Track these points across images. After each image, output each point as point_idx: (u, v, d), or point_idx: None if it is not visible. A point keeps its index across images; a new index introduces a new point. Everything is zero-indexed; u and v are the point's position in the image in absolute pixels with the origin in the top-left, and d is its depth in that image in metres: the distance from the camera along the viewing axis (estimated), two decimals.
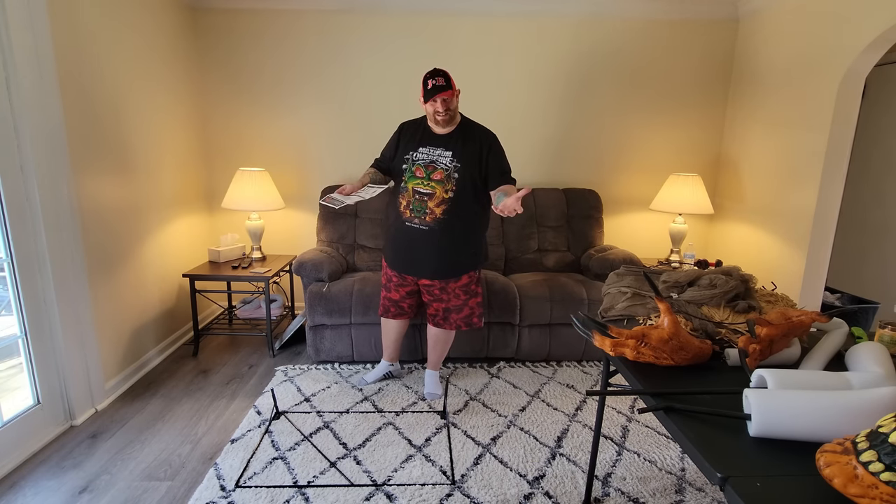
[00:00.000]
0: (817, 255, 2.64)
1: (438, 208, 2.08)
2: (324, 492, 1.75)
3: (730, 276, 1.52)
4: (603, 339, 1.24)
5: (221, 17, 3.17)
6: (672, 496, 1.77)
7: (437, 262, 2.17)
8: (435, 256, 2.15)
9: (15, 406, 1.96)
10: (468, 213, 2.13)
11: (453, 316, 2.30)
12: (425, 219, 2.10)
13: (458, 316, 2.30)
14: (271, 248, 3.51)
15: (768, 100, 2.97)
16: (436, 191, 2.07)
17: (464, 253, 2.20)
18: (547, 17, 3.21)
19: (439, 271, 2.20)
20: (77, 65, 2.17)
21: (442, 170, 2.08)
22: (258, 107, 3.30)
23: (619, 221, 3.55)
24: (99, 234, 2.33)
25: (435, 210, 2.08)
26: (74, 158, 2.15)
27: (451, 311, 2.29)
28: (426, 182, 2.08)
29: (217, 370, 2.72)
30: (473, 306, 2.31)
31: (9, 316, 1.93)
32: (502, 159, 2.14)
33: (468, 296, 2.28)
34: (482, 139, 2.13)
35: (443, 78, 1.99)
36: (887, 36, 2.24)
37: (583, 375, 2.68)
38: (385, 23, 3.19)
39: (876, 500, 0.67)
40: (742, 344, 1.15)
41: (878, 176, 3.35)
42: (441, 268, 2.19)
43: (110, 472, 1.87)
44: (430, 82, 1.99)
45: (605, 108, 3.36)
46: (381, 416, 2.26)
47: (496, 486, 1.81)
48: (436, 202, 2.08)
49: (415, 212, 2.10)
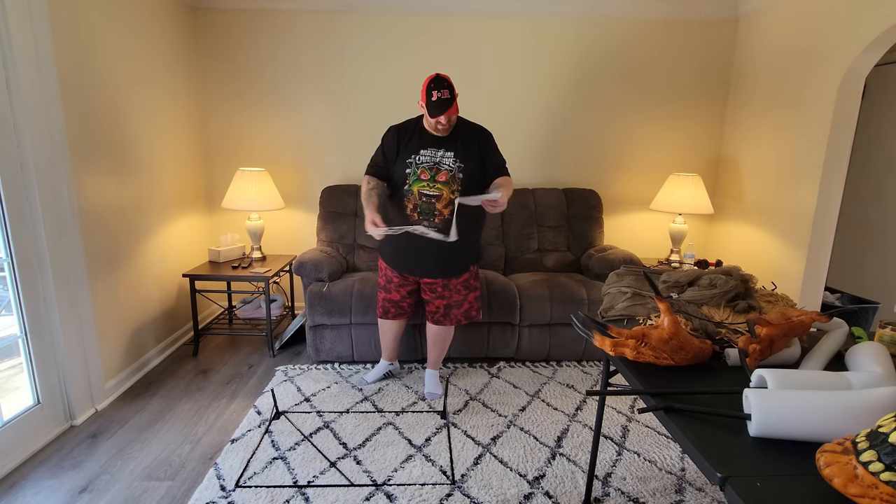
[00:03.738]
0: (817, 255, 2.64)
1: (446, 209, 2.11)
2: (324, 492, 1.75)
3: (730, 275, 1.52)
4: (603, 338, 1.24)
5: (221, 17, 3.17)
6: (672, 496, 1.77)
7: (444, 261, 2.20)
8: (441, 256, 2.18)
9: (15, 406, 1.96)
10: (473, 210, 2.14)
11: (454, 311, 2.32)
12: (434, 220, 2.11)
13: (458, 311, 2.32)
14: (271, 248, 3.51)
15: (768, 100, 2.97)
16: (442, 192, 2.10)
17: (467, 250, 2.24)
18: (547, 16, 3.21)
19: (445, 270, 2.23)
20: (77, 65, 2.17)
21: (446, 171, 2.10)
22: (258, 107, 3.30)
23: (619, 221, 3.55)
24: (99, 233, 2.33)
25: (443, 211, 2.11)
26: (74, 158, 2.15)
27: (451, 307, 2.31)
28: (431, 184, 2.10)
29: (217, 370, 2.72)
30: (472, 300, 2.34)
31: (9, 316, 1.93)
32: (498, 154, 2.22)
33: (468, 290, 2.31)
34: (479, 137, 2.19)
35: (448, 91, 1.98)
36: (887, 36, 2.24)
37: (583, 375, 2.68)
38: (385, 23, 3.19)
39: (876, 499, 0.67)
40: (742, 344, 1.15)
41: (879, 176, 3.35)
42: (447, 267, 2.23)
43: (110, 472, 1.87)
44: (434, 94, 1.97)
45: (605, 107, 3.36)
46: (381, 416, 2.26)
47: (496, 486, 1.80)
48: (443, 203, 2.10)
49: (423, 214, 2.12)
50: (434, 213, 2.11)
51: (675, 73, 3.32)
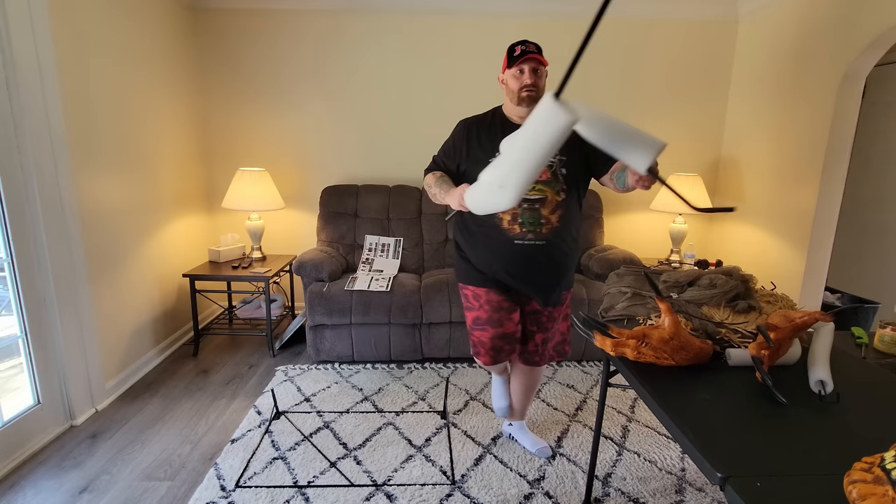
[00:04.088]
0: (817, 255, 2.64)
1: (553, 215, 1.64)
2: (324, 492, 1.75)
3: (730, 276, 1.53)
4: (604, 339, 1.24)
5: (221, 17, 3.17)
6: (672, 496, 1.77)
7: (557, 282, 1.74)
8: (555, 276, 1.72)
9: (15, 406, 1.96)
10: (578, 215, 1.74)
11: (549, 346, 1.88)
12: (542, 231, 1.64)
13: (552, 344, 1.88)
14: (271, 248, 3.50)
15: (768, 100, 2.97)
16: (546, 194, 1.63)
17: (573, 266, 1.78)
18: (546, 16, 3.21)
19: (557, 292, 1.76)
20: (77, 65, 2.17)
21: (546, 167, 1.57)
22: (258, 106, 3.30)
23: (619, 221, 3.55)
24: (99, 233, 2.33)
25: (550, 218, 1.64)
26: (74, 158, 2.15)
27: (548, 340, 1.86)
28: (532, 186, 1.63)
29: (217, 370, 2.72)
30: (565, 331, 1.93)
31: (9, 316, 1.93)
32: None
33: (565, 319, 1.89)
34: None
35: (534, 45, 1.61)
36: (887, 36, 2.24)
37: (583, 375, 2.68)
38: (384, 22, 3.19)
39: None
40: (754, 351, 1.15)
41: (879, 176, 3.35)
42: (560, 289, 1.76)
43: (110, 472, 1.87)
44: (518, 48, 1.61)
45: (605, 107, 3.36)
46: (381, 416, 2.26)
47: (496, 487, 1.80)
48: (549, 208, 1.64)
49: (526, 224, 1.64)
50: (541, 223, 1.64)
51: (676, 73, 3.32)
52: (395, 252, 3.08)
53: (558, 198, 1.64)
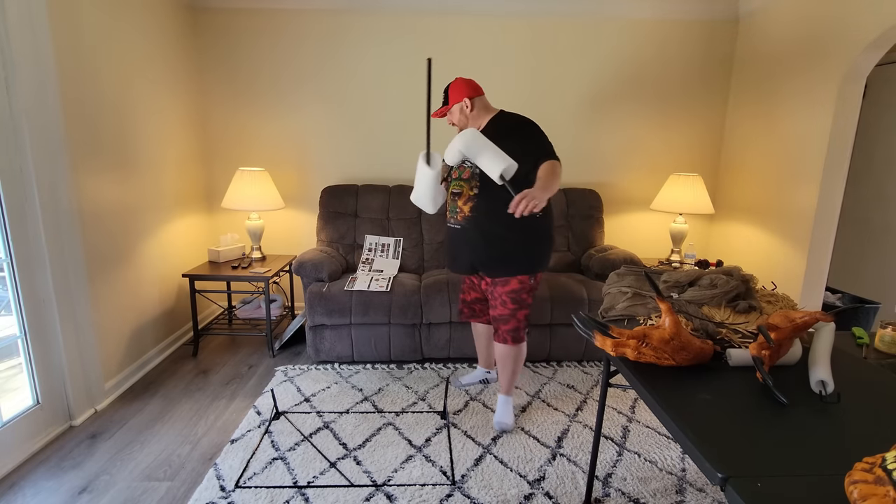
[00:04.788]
0: (818, 255, 2.63)
1: (466, 206, 2.05)
2: (324, 492, 1.75)
3: (730, 276, 1.52)
4: (604, 339, 1.23)
5: (220, 17, 3.17)
6: (673, 496, 1.76)
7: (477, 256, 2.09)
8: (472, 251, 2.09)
9: (14, 406, 1.95)
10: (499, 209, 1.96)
11: (501, 327, 2.11)
12: (458, 217, 2.08)
13: (506, 327, 2.10)
14: (271, 248, 3.50)
15: (769, 99, 2.96)
16: (462, 189, 2.05)
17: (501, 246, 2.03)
18: (546, 16, 3.21)
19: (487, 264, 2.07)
20: (77, 65, 2.16)
21: (469, 168, 2.03)
22: (258, 106, 3.30)
23: (619, 221, 3.54)
24: (99, 234, 2.33)
25: (463, 208, 2.06)
26: (74, 159, 2.15)
27: (498, 320, 2.11)
28: (458, 182, 2.07)
29: (217, 370, 2.71)
30: (521, 318, 2.11)
31: (9, 316, 1.93)
32: (527, 141, 1.93)
33: (517, 305, 2.08)
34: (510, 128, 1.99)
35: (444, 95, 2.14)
36: (887, 36, 2.24)
37: (583, 375, 2.68)
38: (385, 22, 3.19)
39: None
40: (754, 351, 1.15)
41: (879, 176, 3.35)
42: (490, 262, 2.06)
43: (110, 472, 1.87)
44: None
45: (604, 107, 3.36)
46: (381, 416, 2.26)
47: (496, 487, 1.80)
48: (463, 200, 2.05)
49: (451, 212, 2.12)
50: (456, 211, 2.08)
51: (676, 73, 3.31)
52: (394, 252, 3.08)
53: (471, 192, 2.04)
